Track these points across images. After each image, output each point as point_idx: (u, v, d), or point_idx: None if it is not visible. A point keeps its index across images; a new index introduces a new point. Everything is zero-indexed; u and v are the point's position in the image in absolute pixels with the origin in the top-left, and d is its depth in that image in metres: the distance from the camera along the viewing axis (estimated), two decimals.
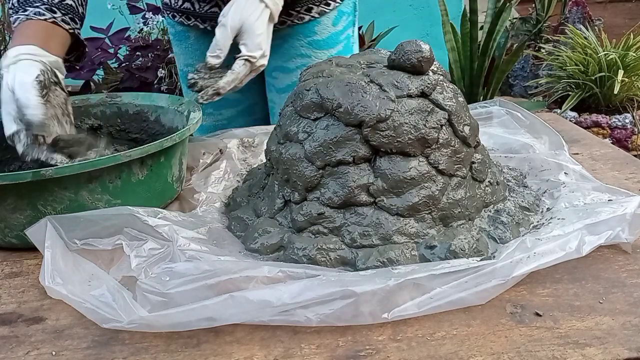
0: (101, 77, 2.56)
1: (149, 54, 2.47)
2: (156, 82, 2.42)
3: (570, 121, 1.49)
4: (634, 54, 2.56)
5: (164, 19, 2.49)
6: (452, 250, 0.68)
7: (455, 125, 0.75)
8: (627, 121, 2.63)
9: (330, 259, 0.69)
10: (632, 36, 2.65)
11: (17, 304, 0.69)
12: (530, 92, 3.03)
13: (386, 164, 0.72)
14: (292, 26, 1.17)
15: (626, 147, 2.61)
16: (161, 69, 2.42)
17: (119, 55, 2.46)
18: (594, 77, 2.56)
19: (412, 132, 0.71)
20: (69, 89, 0.92)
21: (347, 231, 0.71)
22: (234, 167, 0.97)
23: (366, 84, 0.73)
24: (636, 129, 2.64)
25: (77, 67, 2.26)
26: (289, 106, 0.80)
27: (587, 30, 2.77)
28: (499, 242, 0.72)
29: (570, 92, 2.67)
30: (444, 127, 0.74)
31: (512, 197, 0.80)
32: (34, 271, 0.75)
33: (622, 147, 2.23)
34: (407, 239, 0.70)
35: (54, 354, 0.60)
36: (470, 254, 0.68)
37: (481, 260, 0.66)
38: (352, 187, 0.71)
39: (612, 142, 2.51)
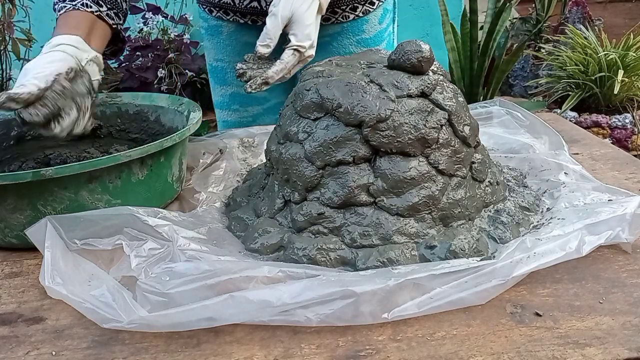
0: (101, 77, 2.56)
1: (149, 54, 2.47)
2: (156, 82, 2.42)
3: (570, 121, 1.49)
4: (634, 54, 2.56)
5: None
6: (452, 250, 0.68)
7: (455, 125, 0.75)
8: (627, 121, 2.63)
9: (330, 259, 0.69)
10: (632, 36, 2.65)
11: (17, 304, 0.69)
12: (530, 92, 3.03)
13: (386, 164, 0.72)
14: (341, 24, 1.17)
15: (626, 147, 2.61)
16: (161, 69, 2.42)
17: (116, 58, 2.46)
18: (594, 77, 2.56)
19: (412, 132, 0.71)
20: None
21: (347, 231, 0.71)
22: (234, 167, 0.97)
23: (366, 84, 0.73)
24: (636, 129, 2.64)
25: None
26: (289, 106, 0.80)
27: (587, 30, 2.77)
28: (499, 242, 0.72)
29: (570, 92, 2.67)
30: (444, 127, 0.74)
31: (512, 197, 0.80)
32: (34, 271, 0.75)
33: (622, 147, 2.23)
34: (407, 239, 0.70)
35: (54, 354, 0.60)
36: (470, 254, 0.68)
37: (481, 260, 0.66)
38: (352, 187, 0.71)
39: (612, 142, 2.51)
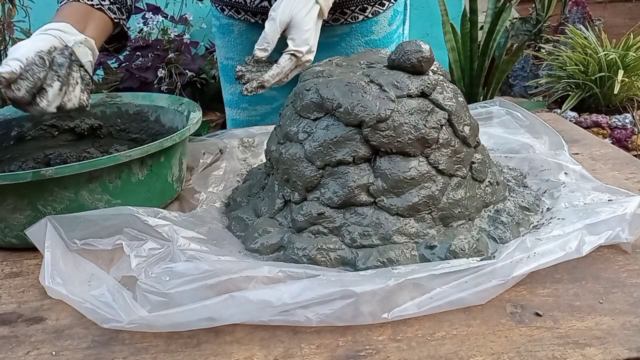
0: (101, 77, 2.56)
1: (149, 54, 2.47)
2: (156, 82, 2.42)
3: (570, 121, 1.49)
4: (634, 54, 2.55)
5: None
6: (452, 250, 0.68)
7: (455, 125, 0.75)
8: (627, 121, 2.63)
9: (330, 259, 0.69)
10: (632, 36, 2.64)
11: (17, 304, 0.69)
12: (530, 92, 3.03)
13: (386, 164, 0.72)
14: (350, 24, 1.17)
15: (626, 147, 2.61)
16: (161, 69, 2.42)
17: (119, 55, 2.46)
18: (594, 77, 2.56)
19: (412, 132, 0.71)
20: None
21: (347, 231, 0.71)
22: (234, 167, 0.97)
23: (366, 84, 0.73)
24: (636, 129, 2.64)
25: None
26: (289, 106, 0.80)
27: (587, 30, 2.77)
28: (499, 242, 0.72)
29: (570, 92, 2.67)
30: (444, 127, 0.74)
31: (512, 197, 0.80)
32: (34, 271, 0.75)
33: (622, 147, 2.22)
34: (407, 239, 0.70)
35: (54, 354, 0.60)
36: (470, 254, 0.68)
37: (481, 260, 0.66)
38: (352, 187, 0.71)
39: (612, 142, 2.51)
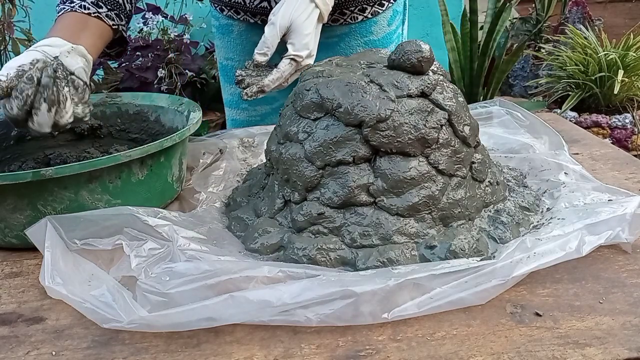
0: (101, 77, 2.56)
1: (149, 54, 2.47)
2: (156, 82, 2.42)
3: (570, 121, 1.49)
4: (634, 54, 2.55)
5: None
6: (452, 250, 0.68)
7: (455, 125, 0.75)
8: (627, 121, 2.63)
9: (330, 259, 0.69)
10: (632, 36, 2.65)
11: (17, 304, 0.69)
12: (530, 92, 3.03)
13: (386, 164, 0.72)
14: (349, 25, 1.17)
15: (626, 147, 2.61)
16: (161, 69, 2.42)
17: (119, 59, 2.46)
18: (594, 77, 2.56)
19: (412, 132, 0.71)
20: None
21: (347, 231, 0.71)
22: (234, 167, 0.97)
23: (366, 84, 0.73)
24: (636, 129, 2.64)
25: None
26: (289, 106, 0.80)
27: (587, 30, 2.77)
28: (499, 242, 0.72)
29: (570, 92, 2.67)
30: (444, 127, 0.74)
31: (512, 197, 0.80)
32: (34, 271, 0.75)
33: (622, 147, 2.23)
34: (407, 239, 0.70)
35: (54, 354, 0.60)
36: (470, 254, 0.68)
37: (481, 260, 0.66)
38: (352, 187, 0.71)
39: (612, 142, 2.51)
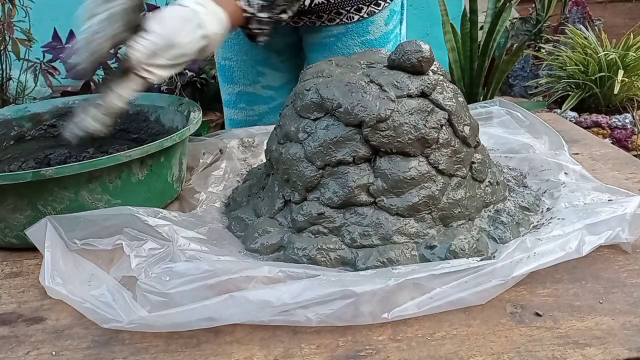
0: (101, 77, 2.56)
1: None
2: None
3: (570, 121, 1.49)
4: (634, 54, 2.55)
5: None
6: (452, 250, 0.68)
7: (455, 125, 0.75)
8: (627, 121, 2.63)
9: (330, 259, 0.69)
10: (632, 36, 2.64)
11: (17, 304, 0.69)
12: (530, 92, 3.02)
13: (386, 164, 0.72)
14: (345, 25, 1.17)
15: (626, 147, 2.60)
16: None
17: (119, 55, 2.45)
18: (594, 77, 2.56)
19: (412, 132, 0.71)
20: (69, 89, 0.91)
21: (347, 231, 0.71)
22: (234, 167, 0.97)
23: (366, 84, 0.73)
24: (636, 129, 2.64)
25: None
26: (289, 106, 0.80)
27: (587, 30, 2.77)
28: (499, 242, 0.72)
29: (570, 92, 2.67)
30: (444, 127, 0.74)
31: (512, 197, 0.80)
32: (34, 271, 0.75)
33: (622, 147, 2.22)
34: (407, 239, 0.70)
35: (54, 354, 0.60)
36: (470, 254, 0.68)
37: (481, 260, 0.66)
38: (352, 187, 0.71)
39: (612, 142, 2.51)
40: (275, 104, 1.28)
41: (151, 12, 0.81)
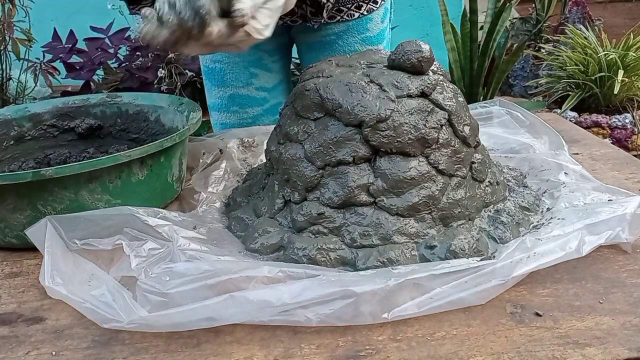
0: (101, 77, 2.56)
1: (149, 54, 2.47)
2: (156, 82, 2.42)
3: (570, 121, 1.49)
4: (634, 54, 2.55)
5: None
6: (452, 250, 0.68)
7: (455, 125, 0.75)
8: (627, 121, 2.63)
9: (330, 259, 0.69)
10: (632, 36, 2.64)
11: (17, 304, 0.69)
12: (530, 92, 3.03)
13: (386, 164, 0.72)
14: (346, 22, 1.18)
15: (626, 147, 2.60)
16: (161, 69, 2.42)
17: (119, 55, 2.46)
18: (594, 77, 2.56)
19: (412, 132, 0.71)
20: (69, 89, 0.91)
21: (347, 231, 0.71)
22: (234, 167, 0.97)
23: (366, 84, 0.73)
24: (636, 129, 2.64)
25: (77, 67, 2.27)
26: (289, 106, 0.80)
27: (587, 30, 2.77)
28: (499, 242, 0.72)
29: (570, 92, 2.67)
30: (444, 127, 0.74)
31: (512, 197, 0.80)
32: (34, 271, 0.75)
33: (622, 147, 2.22)
34: (407, 239, 0.70)
35: (54, 354, 0.60)
36: (470, 254, 0.68)
37: (481, 260, 0.66)
38: (352, 187, 0.71)
39: (612, 142, 2.51)
40: (268, 105, 1.28)
41: None
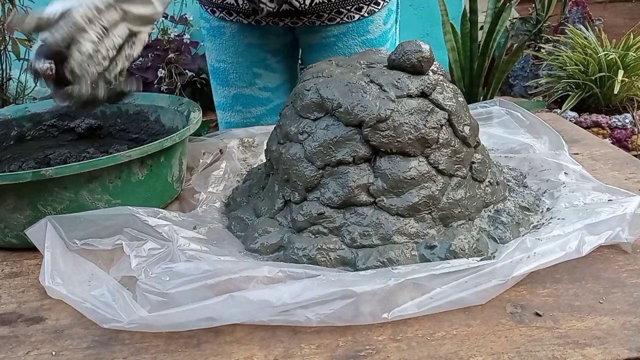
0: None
1: (149, 54, 2.47)
2: (156, 82, 2.42)
3: (570, 121, 1.49)
4: (634, 54, 2.55)
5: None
6: (452, 250, 0.68)
7: (455, 125, 0.75)
8: (627, 121, 2.63)
9: (330, 259, 0.69)
10: (632, 36, 2.64)
11: (17, 304, 0.69)
12: (530, 92, 3.03)
13: (386, 164, 0.72)
14: (346, 24, 1.17)
15: (626, 147, 2.61)
16: (161, 69, 2.42)
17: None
18: (594, 77, 2.56)
19: (412, 132, 0.71)
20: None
21: (347, 231, 0.71)
22: (234, 167, 0.97)
23: (366, 84, 0.73)
24: (636, 129, 2.64)
25: None
26: (289, 106, 0.80)
27: (587, 30, 2.77)
28: (499, 242, 0.72)
29: (570, 92, 2.67)
30: (444, 127, 0.74)
31: (512, 197, 0.80)
32: (34, 271, 0.75)
33: (622, 147, 2.23)
34: (407, 239, 0.70)
35: (54, 354, 0.60)
36: (470, 254, 0.68)
37: (481, 260, 0.66)
38: (352, 187, 0.71)
39: (612, 142, 2.51)
40: (272, 105, 1.28)
41: None
